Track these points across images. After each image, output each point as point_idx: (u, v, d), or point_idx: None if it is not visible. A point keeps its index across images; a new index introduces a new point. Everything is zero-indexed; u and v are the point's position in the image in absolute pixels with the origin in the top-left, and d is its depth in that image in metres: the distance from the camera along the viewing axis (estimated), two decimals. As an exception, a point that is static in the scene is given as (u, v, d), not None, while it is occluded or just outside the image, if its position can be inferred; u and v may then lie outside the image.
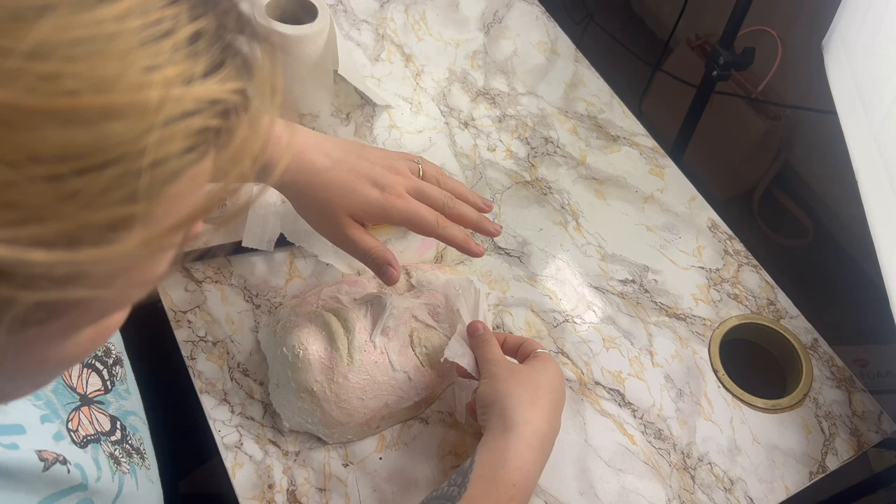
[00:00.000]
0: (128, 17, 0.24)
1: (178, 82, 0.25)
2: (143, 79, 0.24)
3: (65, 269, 0.25)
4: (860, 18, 0.77)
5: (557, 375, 0.62)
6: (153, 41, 0.25)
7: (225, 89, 0.27)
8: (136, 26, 0.24)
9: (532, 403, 0.59)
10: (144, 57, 0.24)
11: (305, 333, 0.65)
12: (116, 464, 0.52)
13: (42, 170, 0.23)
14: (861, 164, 0.71)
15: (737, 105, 1.63)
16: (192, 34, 0.26)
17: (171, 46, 0.25)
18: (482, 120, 0.91)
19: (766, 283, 0.80)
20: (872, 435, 0.71)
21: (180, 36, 0.25)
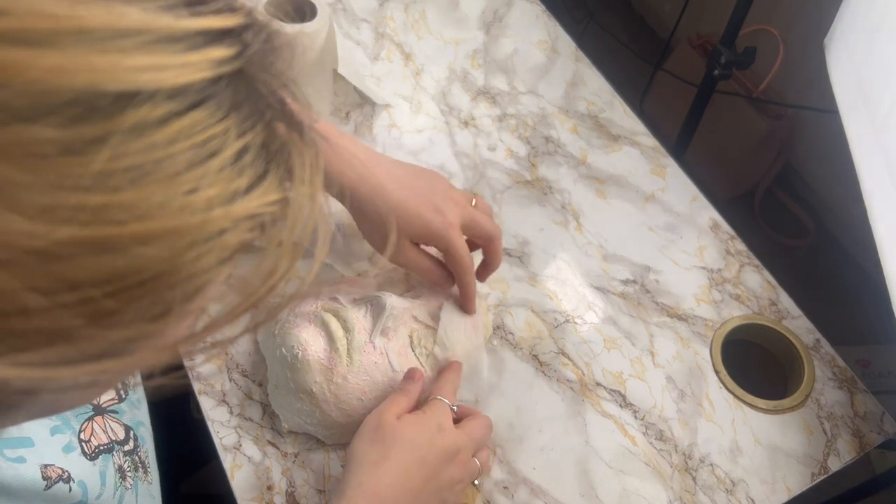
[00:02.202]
0: (178, 140, 0.24)
1: (220, 202, 0.25)
2: (186, 202, 0.24)
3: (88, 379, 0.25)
4: (862, 17, 0.77)
5: (426, 429, 0.58)
6: (200, 163, 0.24)
7: (265, 202, 0.27)
8: (185, 147, 0.24)
9: (377, 462, 0.56)
10: (190, 179, 0.24)
11: (305, 334, 0.65)
12: (122, 478, 0.52)
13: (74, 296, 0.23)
14: (863, 164, 0.70)
15: (738, 104, 1.63)
16: (239, 150, 0.25)
17: (217, 167, 0.25)
18: (482, 119, 0.90)
19: (767, 284, 0.79)
20: (874, 436, 0.70)
21: (227, 154, 0.25)
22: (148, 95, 0.23)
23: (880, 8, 0.72)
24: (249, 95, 0.26)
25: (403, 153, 0.86)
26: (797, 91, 1.59)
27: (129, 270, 0.23)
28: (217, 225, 0.25)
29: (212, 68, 0.24)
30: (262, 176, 0.27)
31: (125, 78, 0.22)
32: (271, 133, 0.27)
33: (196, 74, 0.24)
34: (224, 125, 0.25)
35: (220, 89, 0.25)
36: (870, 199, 0.68)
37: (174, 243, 0.24)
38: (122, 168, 0.22)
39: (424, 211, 0.64)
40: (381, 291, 0.70)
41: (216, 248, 0.25)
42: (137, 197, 0.23)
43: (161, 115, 0.23)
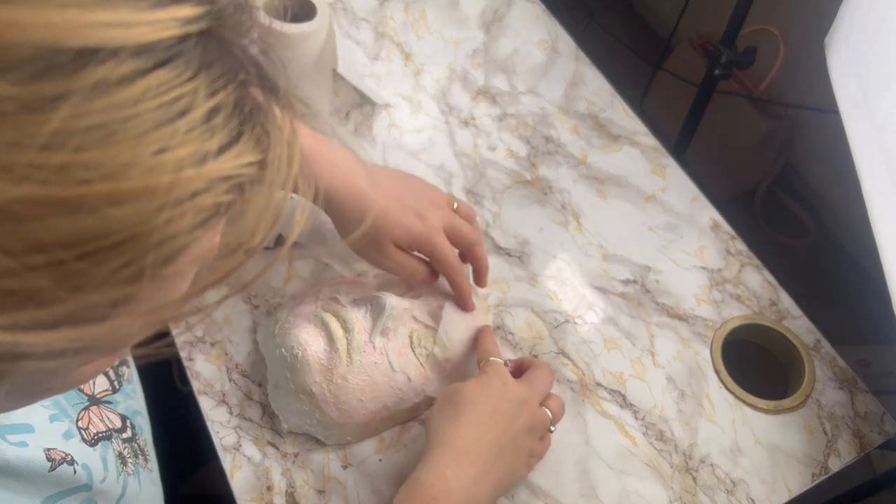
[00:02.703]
0: (144, 99, 0.23)
1: (191, 163, 0.24)
2: (154, 162, 0.23)
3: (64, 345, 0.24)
4: (862, 17, 0.77)
5: (485, 387, 0.62)
6: (168, 122, 0.24)
7: (239, 164, 0.26)
8: (152, 107, 0.23)
9: (452, 420, 0.59)
10: (158, 139, 0.23)
11: (304, 334, 0.65)
12: (123, 464, 0.52)
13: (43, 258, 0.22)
14: (863, 164, 0.70)
15: (738, 104, 1.62)
16: (210, 110, 0.25)
17: (186, 126, 0.24)
18: (482, 119, 0.90)
19: (768, 284, 0.79)
20: (875, 436, 0.70)
21: (197, 114, 0.24)
22: (111, 52, 0.22)
23: (880, 8, 0.72)
24: (221, 56, 0.26)
25: (403, 153, 0.86)
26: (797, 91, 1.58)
27: (98, 232, 0.23)
28: (189, 186, 0.24)
29: (179, 26, 0.24)
30: (236, 137, 0.26)
31: (85, 34, 0.22)
32: (245, 94, 0.27)
33: (162, 32, 0.23)
34: (193, 84, 0.24)
35: (188, 48, 0.24)
36: (870, 198, 0.68)
37: (144, 205, 0.23)
38: (85, 127, 0.22)
39: (406, 216, 0.65)
40: (381, 291, 0.70)
41: (189, 211, 0.25)
42: (102, 156, 0.22)
43: (125, 72, 0.22)
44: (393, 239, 0.65)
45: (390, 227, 0.65)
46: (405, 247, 0.66)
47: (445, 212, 0.68)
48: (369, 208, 0.64)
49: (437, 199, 0.68)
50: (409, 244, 0.66)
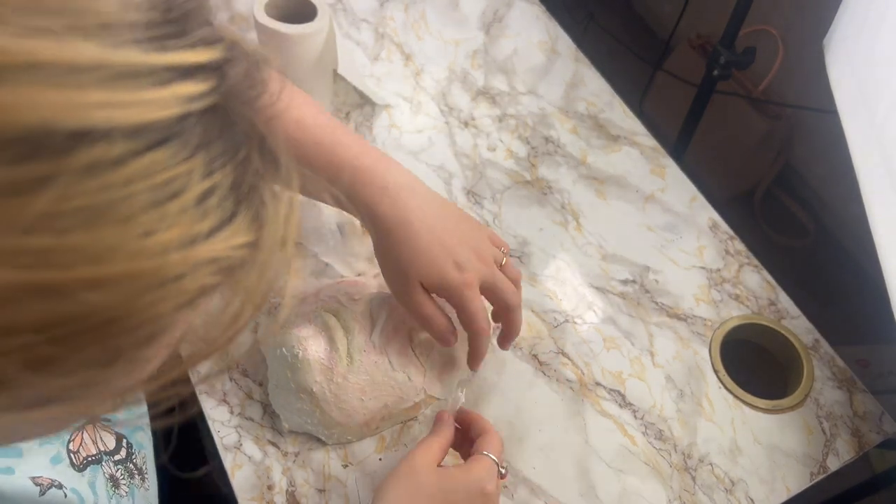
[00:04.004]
0: (135, 181, 0.22)
1: (178, 246, 0.23)
2: (140, 245, 0.22)
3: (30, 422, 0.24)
4: (861, 18, 0.77)
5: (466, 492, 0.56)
6: (158, 204, 0.23)
7: (230, 245, 0.25)
8: (143, 189, 0.22)
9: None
10: (146, 222, 0.22)
11: (305, 334, 0.65)
12: (115, 486, 0.51)
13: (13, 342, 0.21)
14: (862, 164, 0.70)
15: (738, 105, 1.63)
16: (204, 192, 0.24)
17: (177, 208, 0.23)
18: (482, 119, 0.90)
19: (767, 284, 0.79)
20: (874, 435, 0.71)
21: (189, 196, 0.23)
22: (103, 133, 0.21)
23: (879, 8, 0.72)
24: (223, 132, 0.25)
25: (403, 153, 0.86)
26: (797, 91, 1.59)
27: (74, 316, 0.22)
28: (173, 270, 0.23)
29: (180, 105, 0.23)
30: (230, 218, 0.25)
31: (78, 115, 0.21)
32: (244, 172, 0.26)
33: (160, 112, 0.23)
34: (188, 165, 0.23)
35: (188, 126, 0.23)
36: (869, 198, 0.68)
37: (126, 288, 0.22)
38: (71, 209, 0.21)
39: (444, 262, 0.60)
40: (381, 291, 0.70)
41: (173, 294, 0.24)
42: (87, 240, 0.21)
43: (118, 154, 0.22)
44: (421, 280, 0.60)
45: (422, 266, 0.60)
46: (435, 292, 0.62)
47: (488, 267, 0.62)
48: (409, 246, 0.60)
49: (484, 251, 0.63)
50: (437, 291, 0.62)
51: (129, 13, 0.23)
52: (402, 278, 0.61)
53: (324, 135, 0.62)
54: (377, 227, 0.61)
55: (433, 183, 0.84)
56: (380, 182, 0.61)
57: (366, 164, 0.61)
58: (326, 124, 0.63)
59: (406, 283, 0.61)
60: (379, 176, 0.61)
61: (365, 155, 0.62)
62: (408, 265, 0.60)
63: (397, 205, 0.60)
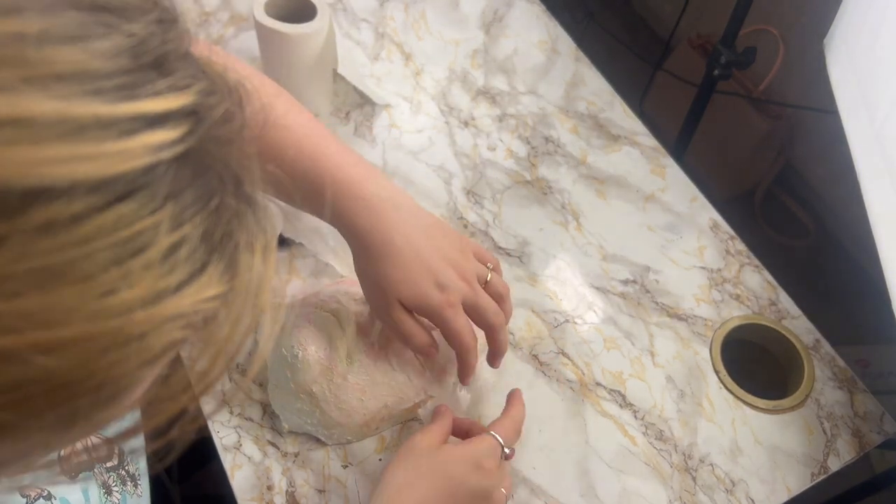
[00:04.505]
0: (96, 238, 0.21)
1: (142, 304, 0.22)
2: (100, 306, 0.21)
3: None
4: (861, 17, 0.77)
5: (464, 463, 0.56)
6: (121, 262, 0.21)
7: (200, 299, 0.23)
8: (104, 246, 0.21)
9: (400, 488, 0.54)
10: (107, 281, 0.21)
11: (305, 334, 0.65)
12: (108, 493, 0.51)
13: None
14: (863, 164, 0.70)
15: (738, 104, 1.62)
16: (171, 245, 0.22)
17: (141, 265, 0.21)
18: (482, 119, 0.90)
19: (767, 284, 0.79)
20: (874, 436, 0.70)
21: (154, 251, 0.22)
22: (63, 190, 0.20)
23: (880, 9, 0.72)
24: (195, 179, 0.23)
25: (403, 153, 0.86)
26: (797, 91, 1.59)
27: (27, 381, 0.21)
28: (137, 329, 0.22)
29: (148, 154, 0.22)
30: (200, 270, 0.23)
31: (36, 172, 0.20)
32: (217, 219, 0.24)
33: (126, 164, 0.21)
34: (155, 218, 0.22)
35: (156, 177, 0.22)
36: (869, 198, 0.68)
37: (84, 351, 0.21)
38: (23, 271, 0.20)
39: (425, 282, 0.58)
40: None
41: (135, 353, 0.22)
42: (41, 302, 0.20)
43: (77, 211, 0.20)
44: (401, 300, 0.59)
45: (402, 286, 0.58)
46: (413, 311, 0.60)
47: (471, 287, 0.61)
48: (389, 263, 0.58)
49: (467, 269, 0.61)
50: (417, 311, 0.60)
51: (93, 62, 0.21)
52: (381, 296, 0.60)
53: (308, 145, 0.60)
54: (356, 242, 0.59)
55: (433, 183, 0.84)
56: (360, 194, 0.59)
57: (347, 176, 0.59)
58: (312, 134, 0.61)
59: (385, 302, 0.59)
60: (359, 188, 0.59)
61: (347, 166, 0.60)
62: (387, 284, 0.58)
63: (378, 219, 0.58)
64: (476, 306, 0.61)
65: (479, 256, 0.64)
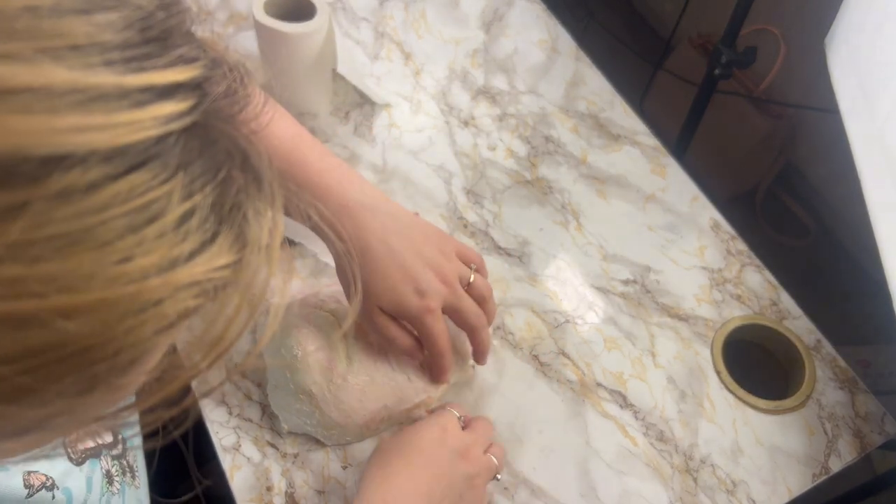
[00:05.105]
0: (112, 206, 0.21)
1: (157, 270, 0.22)
2: (117, 272, 0.22)
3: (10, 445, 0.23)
4: (862, 17, 0.76)
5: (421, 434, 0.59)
6: (136, 229, 0.22)
7: (211, 268, 0.24)
8: (120, 213, 0.21)
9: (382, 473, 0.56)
10: (123, 248, 0.22)
11: (304, 334, 0.65)
12: (109, 482, 0.51)
13: None
14: (864, 164, 0.70)
15: (739, 104, 1.62)
16: (184, 213, 0.23)
17: (155, 232, 0.22)
18: (482, 119, 0.90)
19: (768, 284, 0.79)
20: (875, 436, 0.70)
21: (168, 219, 0.23)
22: (80, 159, 0.21)
23: (881, 7, 0.72)
24: (203, 151, 0.24)
25: (403, 153, 0.86)
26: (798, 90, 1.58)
27: (48, 346, 0.21)
28: (153, 295, 0.23)
29: (158, 126, 0.22)
30: (211, 239, 0.24)
31: (53, 140, 0.20)
32: (225, 191, 0.25)
33: (138, 134, 0.22)
34: (167, 187, 0.23)
35: (167, 147, 0.23)
36: (870, 198, 0.68)
37: (102, 316, 0.22)
38: (44, 237, 0.20)
39: (403, 288, 0.59)
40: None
41: (152, 319, 0.23)
42: (61, 268, 0.21)
43: (93, 179, 0.21)
44: (380, 306, 0.60)
45: (381, 292, 0.59)
46: (393, 316, 0.61)
47: (452, 290, 0.61)
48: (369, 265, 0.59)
49: (448, 272, 0.61)
50: (397, 316, 0.61)
51: (104, 34, 0.22)
52: (362, 302, 0.60)
53: (290, 150, 0.61)
54: (336, 248, 0.60)
55: (433, 182, 0.84)
56: (340, 201, 0.59)
57: (327, 183, 0.60)
58: (294, 137, 0.62)
59: (366, 307, 0.60)
60: (340, 195, 0.60)
61: (327, 172, 0.60)
62: (367, 290, 0.59)
63: (357, 226, 0.59)
64: (457, 309, 0.62)
65: (462, 256, 0.65)
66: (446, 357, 0.63)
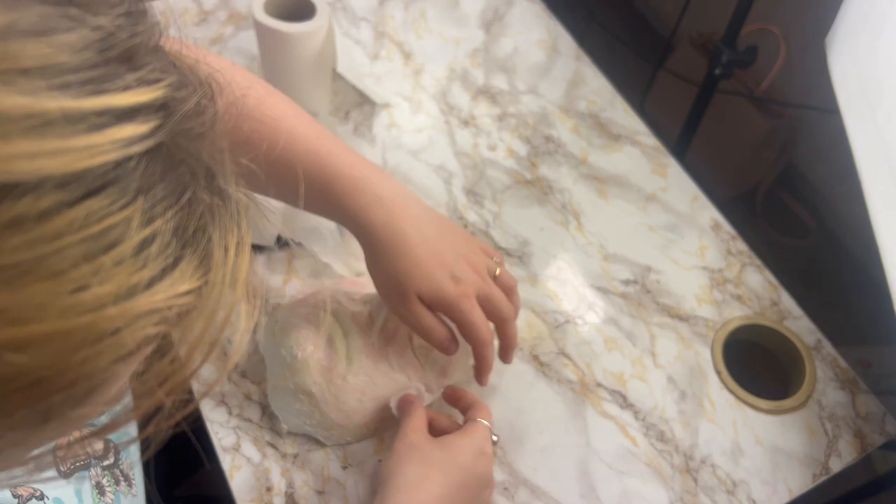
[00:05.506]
0: (66, 234, 0.20)
1: (114, 300, 0.22)
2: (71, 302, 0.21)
3: None
4: (863, 16, 0.76)
5: (470, 452, 0.59)
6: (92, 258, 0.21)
7: (173, 294, 0.23)
8: (74, 241, 0.21)
9: (416, 484, 0.55)
10: (78, 277, 0.21)
11: (304, 334, 0.65)
12: (101, 494, 0.50)
13: None
14: (864, 164, 0.70)
15: (740, 104, 1.62)
16: (143, 240, 0.22)
17: (112, 260, 0.21)
18: (482, 118, 0.90)
19: (769, 284, 0.79)
20: (876, 437, 0.70)
21: (126, 246, 0.22)
22: (32, 186, 0.20)
23: (882, 7, 0.72)
24: (166, 174, 0.23)
25: (403, 153, 0.86)
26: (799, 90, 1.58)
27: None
28: (110, 325, 0.22)
29: (117, 149, 0.21)
30: (173, 265, 0.23)
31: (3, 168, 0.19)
32: (190, 214, 0.24)
33: (95, 159, 0.21)
34: (126, 213, 0.22)
35: (126, 172, 0.22)
36: (871, 198, 0.68)
37: (56, 347, 0.21)
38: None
39: (441, 275, 0.59)
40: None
41: (109, 349, 0.22)
42: (11, 299, 0.20)
43: (46, 206, 0.20)
44: (419, 294, 0.59)
45: (420, 280, 0.59)
46: (430, 305, 0.60)
47: (483, 280, 0.61)
48: (406, 259, 0.58)
49: (479, 263, 0.62)
50: (434, 304, 0.60)
51: (60, 56, 0.21)
52: (398, 291, 0.60)
53: (318, 145, 0.61)
54: (371, 238, 0.59)
55: (433, 182, 0.84)
56: (375, 191, 0.59)
57: (361, 174, 0.60)
58: (320, 135, 0.62)
59: (403, 297, 0.59)
60: (374, 185, 0.59)
61: (360, 164, 0.61)
62: (405, 278, 0.59)
63: (393, 215, 0.59)
64: (489, 298, 0.61)
65: (485, 252, 0.65)
66: (489, 347, 0.62)
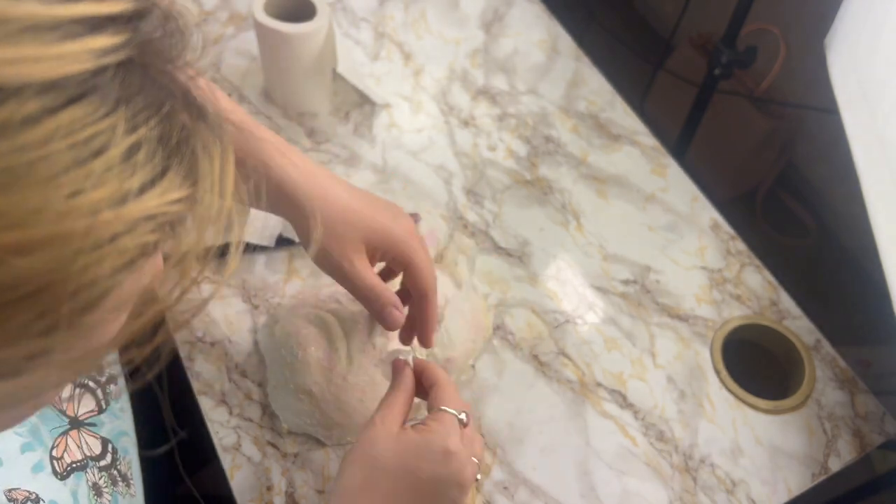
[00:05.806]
0: (53, 139, 0.21)
1: (109, 204, 0.22)
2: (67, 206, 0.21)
3: None
4: (862, 16, 0.76)
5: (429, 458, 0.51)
6: (82, 163, 0.22)
7: (165, 201, 0.24)
8: (63, 147, 0.21)
9: (362, 491, 0.50)
10: (70, 182, 0.22)
11: (304, 334, 0.65)
12: (98, 495, 0.50)
13: None
14: (864, 164, 0.70)
15: (739, 104, 1.62)
16: (130, 147, 0.23)
17: (102, 166, 0.22)
18: (482, 119, 0.90)
19: (768, 284, 0.79)
20: (875, 436, 0.70)
21: (114, 152, 0.23)
22: (12, 91, 0.21)
23: (881, 8, 0.72)
24: (143, 87, 0.24)
25: (403, 153, 0.86)
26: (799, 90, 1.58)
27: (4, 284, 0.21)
28: (107, 230, 0.23)
29: (93, 58, 0.22)
30: (161, 173, 0.24)
31: None
32: (170, 126, 0.25)
33: (73, 66, 0.22)
34: (110, 121, 0.23)
35: (104, 81, 0.23)
36: (870, 198, 0.68)
37: (56, 252, 0.22)
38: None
39: (383, 217, 0.56)
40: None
41: (109, 255, 0.23)
42: (6, 203, 0.21)
43: (30, 112, 0.21)
44: (365, 239, 0.55)
45: (362, 223, 0.55)
46: (378, 249, 0.57)
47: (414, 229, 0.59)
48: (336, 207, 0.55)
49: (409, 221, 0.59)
50: (384, 246, 0.56)
51: None
52: (341, 244, 0.55)
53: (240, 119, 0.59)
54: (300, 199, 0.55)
55: (433, 182, 0.84)
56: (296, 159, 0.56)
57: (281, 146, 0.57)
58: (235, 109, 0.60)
59: (347, 249, 0.55)
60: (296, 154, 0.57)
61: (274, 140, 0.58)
62: (344, 227, 0.55)
63: (316, 180, 0.56)
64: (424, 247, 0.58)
65: None
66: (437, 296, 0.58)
